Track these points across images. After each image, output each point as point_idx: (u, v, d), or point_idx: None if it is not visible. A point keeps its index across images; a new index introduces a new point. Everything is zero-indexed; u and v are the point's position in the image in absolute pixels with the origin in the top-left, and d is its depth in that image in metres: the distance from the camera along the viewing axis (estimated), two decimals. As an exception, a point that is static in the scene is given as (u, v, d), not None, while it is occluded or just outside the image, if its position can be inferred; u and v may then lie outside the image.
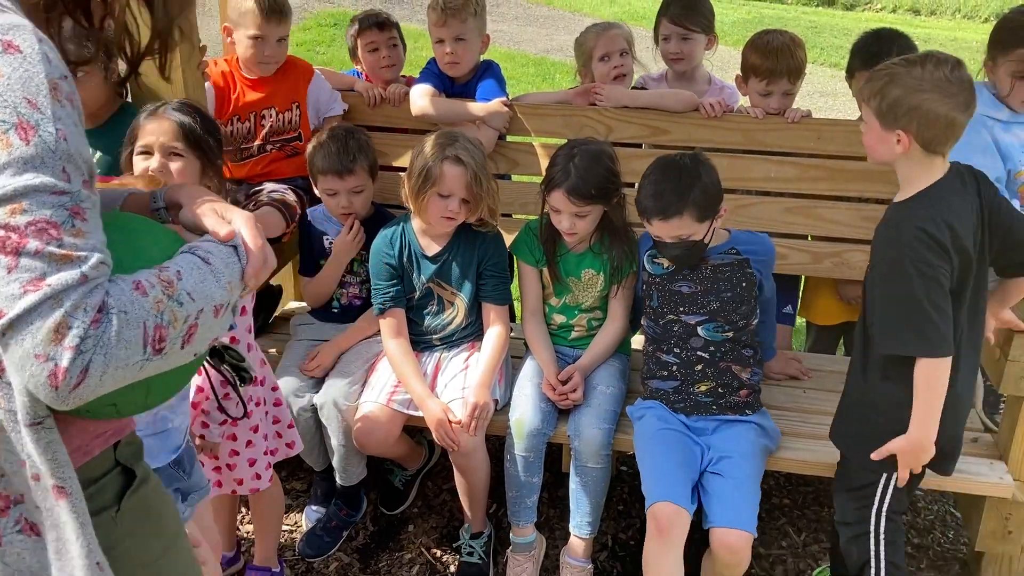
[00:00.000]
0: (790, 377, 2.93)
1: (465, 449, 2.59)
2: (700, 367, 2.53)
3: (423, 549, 2.87)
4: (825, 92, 8.54)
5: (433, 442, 3.01)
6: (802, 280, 3.37)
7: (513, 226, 2.94)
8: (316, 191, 2.96)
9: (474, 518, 2.75)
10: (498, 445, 2.70)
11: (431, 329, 2.82)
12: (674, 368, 2.56)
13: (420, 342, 2.82)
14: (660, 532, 2.29)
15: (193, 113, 2.27)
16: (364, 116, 3.26)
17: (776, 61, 2.97)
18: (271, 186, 3.09)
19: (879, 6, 13.41)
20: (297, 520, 2.99)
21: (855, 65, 3.07)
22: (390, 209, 3.06)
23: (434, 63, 3.20)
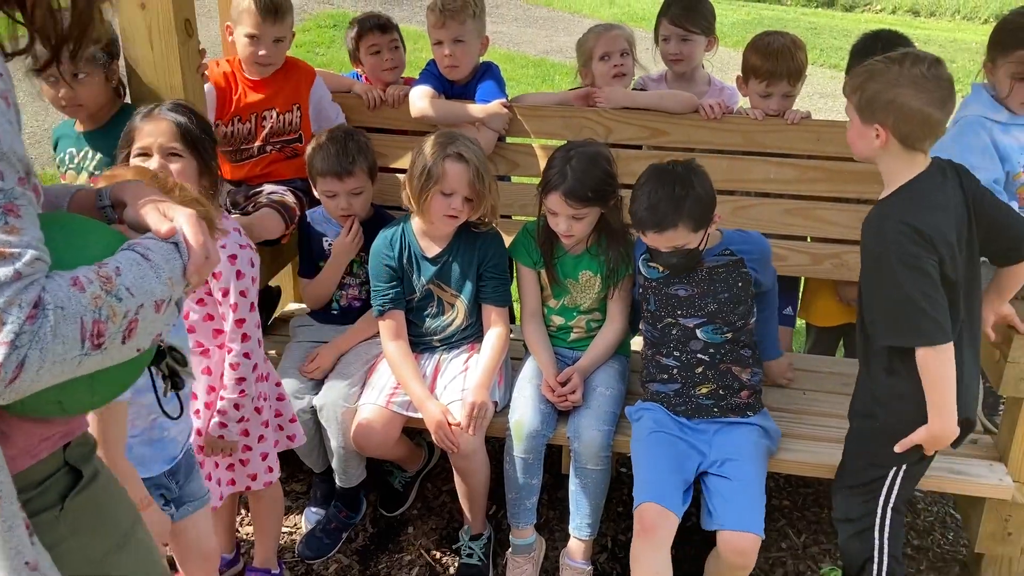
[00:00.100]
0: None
1: (464, 451, 2.59)
2: (700, 369, 2.53)
3: (423, 551, 2.87)
4: (825, 93, 8.53)
5: (433, 444, 3.01)
6: (802, 282, 3.38)
7: (513, 228, 2.94)
8: (315, 193, 2.95)
9: (474, 520, 2.75)
10: (498, 447, 2.70)
11: (431, 331, 2.82)
12: (675, 371, 2.56)
13: (420, 343, 2.81)
14: (644, 531, 2.30)
15: (188, 113, 2.27)
16: (363, 118, 3.26)
17: (776, 63, 2.98)
18: (270, 187, 3.09)
19: (879, 7, 13.40)
20: (297, 522, 2.99)
21: (854, 66, 3.06)
22: (389, 211, 3.06)
23: (433, 64, 3.20)
